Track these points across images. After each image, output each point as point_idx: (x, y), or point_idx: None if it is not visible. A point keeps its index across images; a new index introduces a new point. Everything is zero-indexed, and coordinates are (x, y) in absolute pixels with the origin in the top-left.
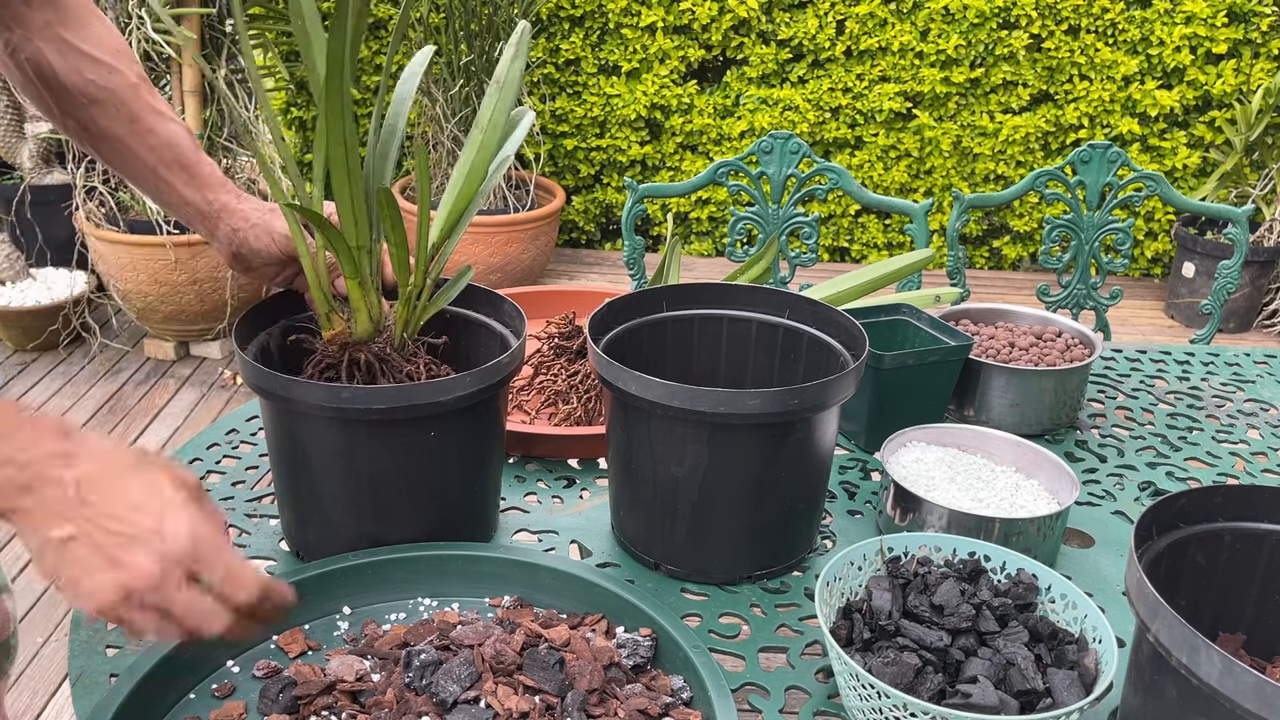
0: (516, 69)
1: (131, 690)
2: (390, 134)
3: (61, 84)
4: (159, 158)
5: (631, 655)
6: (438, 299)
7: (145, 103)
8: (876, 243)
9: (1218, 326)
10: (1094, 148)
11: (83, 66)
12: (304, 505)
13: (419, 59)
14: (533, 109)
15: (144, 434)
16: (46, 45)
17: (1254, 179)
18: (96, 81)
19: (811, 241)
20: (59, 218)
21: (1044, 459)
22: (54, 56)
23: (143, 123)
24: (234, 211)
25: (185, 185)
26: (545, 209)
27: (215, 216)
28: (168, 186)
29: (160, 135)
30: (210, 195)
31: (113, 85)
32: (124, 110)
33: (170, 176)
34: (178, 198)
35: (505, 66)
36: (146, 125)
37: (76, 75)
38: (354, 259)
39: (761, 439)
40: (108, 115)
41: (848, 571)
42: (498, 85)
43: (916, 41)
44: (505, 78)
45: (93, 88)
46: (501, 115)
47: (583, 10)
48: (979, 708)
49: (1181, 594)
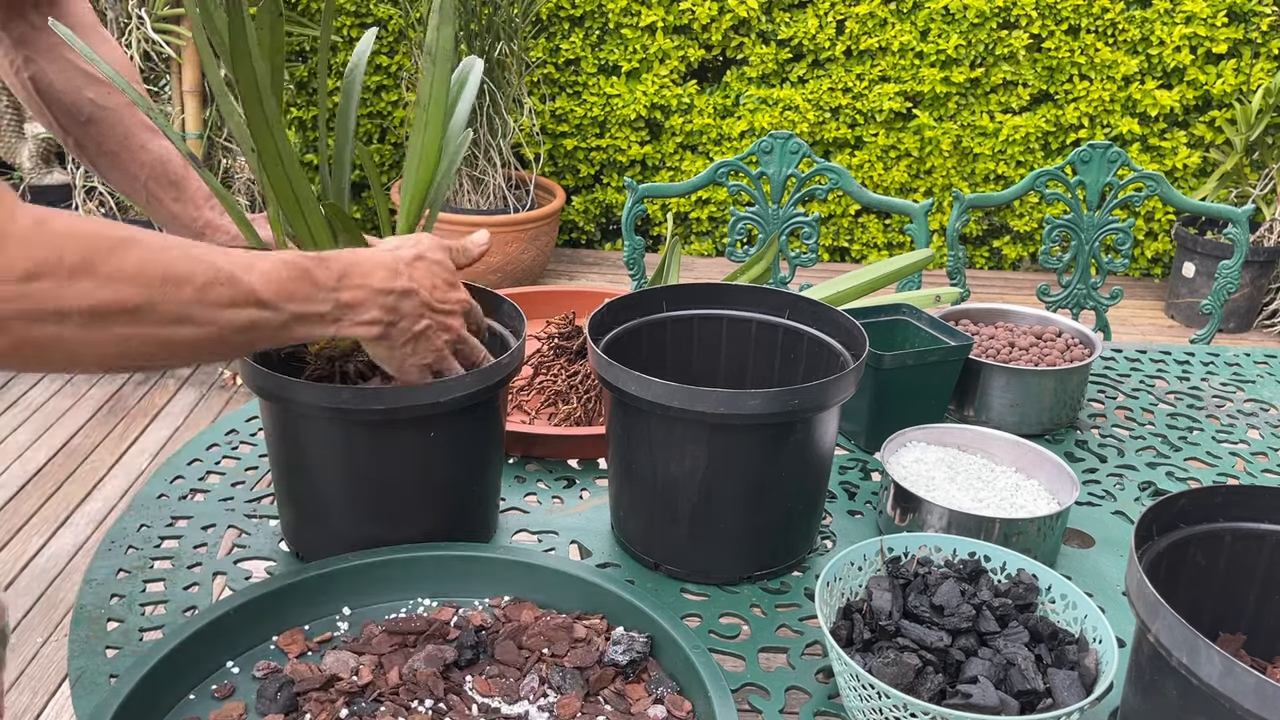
0: (446, 35)
1: (131, 690)
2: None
3: (62, 102)
4: (150, 173)
5: (627, 652)
6: None
7: (140, 120)
8: (876, 243)
9: (1218, 326)
10: (1094, 148)
11: (83, 85)
12: (304, 506)
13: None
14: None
15: (144, 434)
16: (51, 65)
17: (1254, 179)
18: (95, 100)
19: (811, 241)
20: None
21: (1044, 459)
22: (57, 76)
23: (136, 139)
24: (217, 228)
25: (173, 201)
26: (545, 209)
27: (200, 233)
28: (157, 202)
29: (152, 152)
30: (195, 212)
31: (110, 104)
32: (119, 128)
33: (160, 192)
34: (166, 213)
35: (432, 35)
36: (139, 142)
37: (77, 94)
38: None
39: (761, 439)
40: (104, 132)
41: (848, 572)
42: (429, 57)
43: (916, 41)
44: (436, 47)
45: (91, 106)
46: (441, 88)
47: (583, 10)
48: (979, 708)
49: (1181, 594)
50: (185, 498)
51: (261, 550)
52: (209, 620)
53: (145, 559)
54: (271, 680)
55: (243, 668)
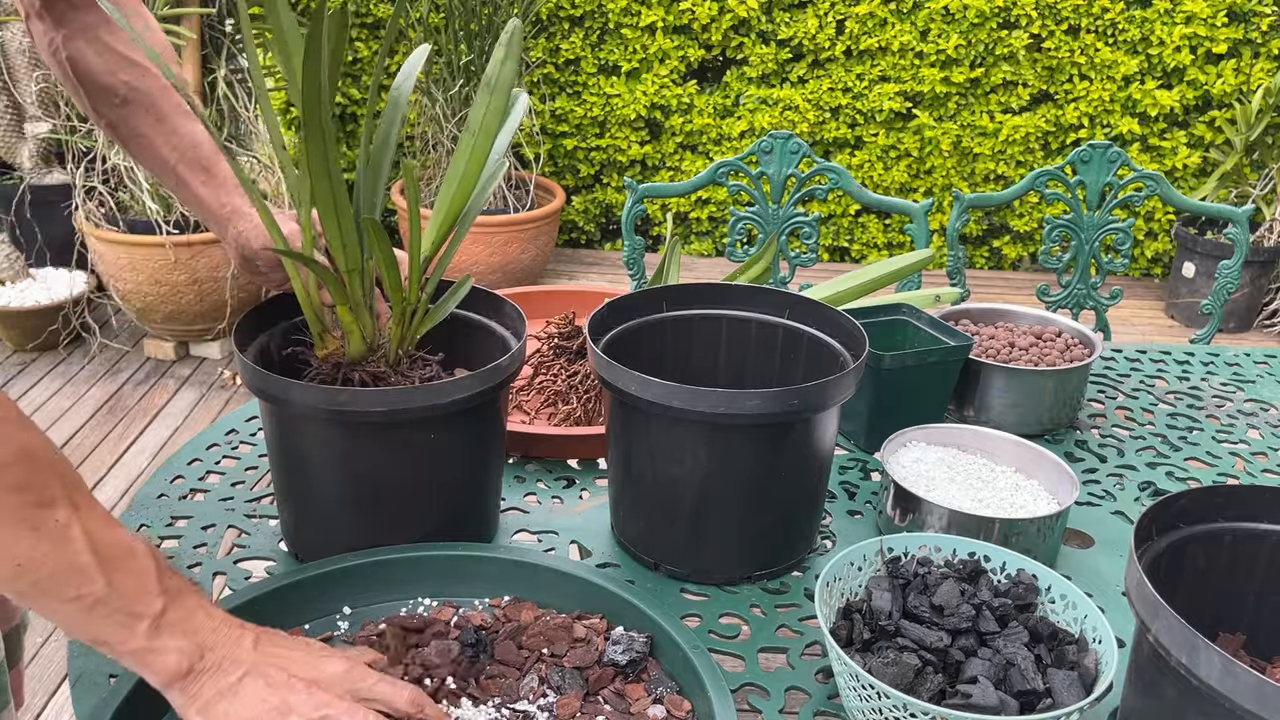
0: (508, 70)
1: (131, 690)
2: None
3: (97, 83)
4: (180, 156)
5: (626, 651)
6: (434, 313)
7: (174, 104)
8: (876, 243)
9: (1218, 326)
10: (1094, 148)
11: (118, 68)
12: (303, 506)
13: (415, 59)
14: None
15: (144, 434)
16: (88, 46)
17: (1254, 179)
18: (130, 83)
19: (811, 241)
20: (59, 218)
21: (1044, 459)
22: (93, 57)
23: (169, 123)
24: (243, 214)
25: (202, 185)
26: (545, 209)
27: (226, 219)
28: (185, 185)
29: (184, 136)
30: (224, 197)
31: (144, 87)
32: (153, 110)
33: (189, 175)
34: (194, 196)
35: (495, 68)
36: (171, 125)
37: (112, 76)
38: (344, 286)
39: (761, 439)
40: (137, 114)
41: (848, 572)
42: (488, 88)
43: (916, 41)
44: (496, 80)
45: (125, 88)
46: (494, 119)
47: (583, 10)
48: (979, 708)
49: (1181, 594)
50: (185, 498)
51: (261, 550)
52: None
53: None
54: None
55: None
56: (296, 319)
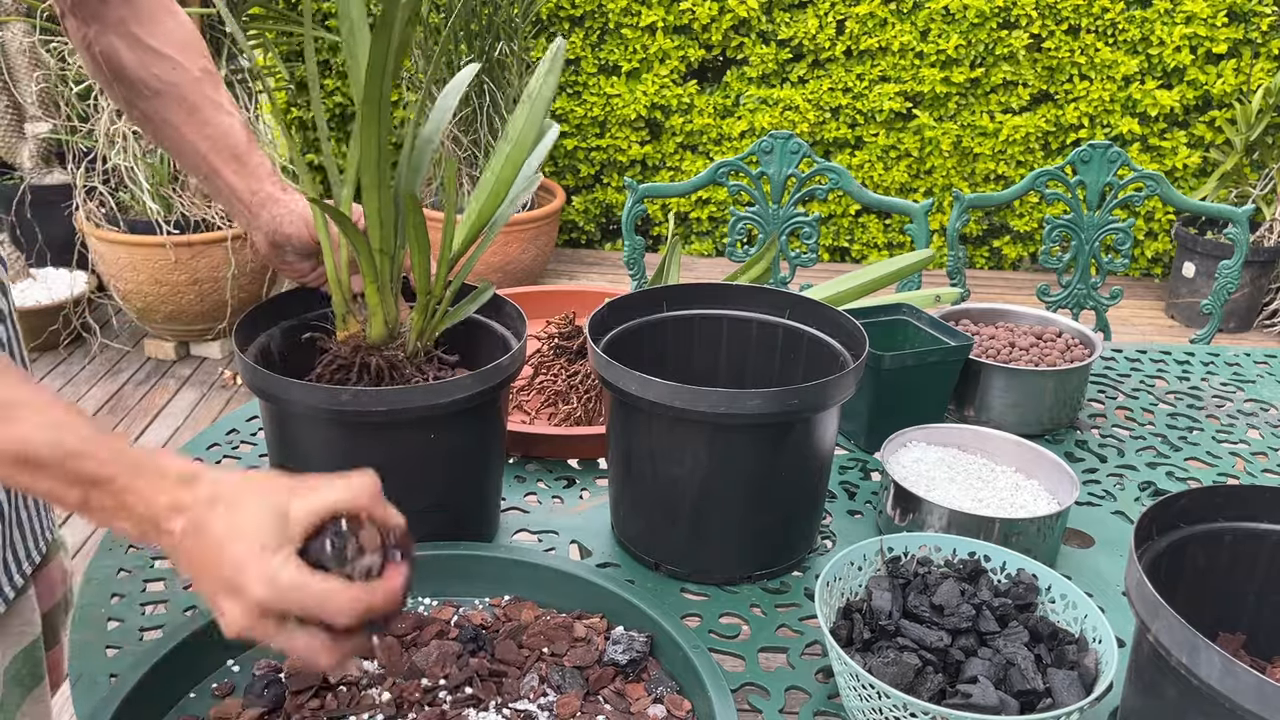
0: (549, 85)
1: (131, 690)
2: (425, 144)
3: (129, 76)
4: (212, 146)
5: (626, 651)
6: (456, 311)
7: (206, 96)
8: (876, 243)
9: (1218, 326)
10: (1094, 148)
11: (150, 61)
12: None
13: (462, 76)
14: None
15: (144, 434)
16: (120, 40)
17: (1254, 179)
18: (161, 76)
19: (812, 241)
20: (59, 218)
21: (1044, 459)
22: (125, 52)
23: (201, 114)
24: (277, 200)
25: (234, 174)
26: (545, 209)
27: (259, 205)
28: (217, 173)
29: (215, 127)
30: (256, 185)
31: (175, 79)
32: (185, 103)
33: (220, 164)
34: (226, 184)
35: (538, 82)
36: (203, 117)
37: (143, 69)
38: (375, 263)
39: (761, 439)
40: (169, 107)
41: (848, 571)
42: (529, 99)
43: (916, 41)
44: (537, 93)
45: (157, 81)
46: (531, 130)
47: (583, 10)
48: (979, 708)
49: (1181, 594)
50: None
51: None
52: (209, 619)
53: (145, 559)
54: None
55: (243, 667)
56: (297, 319)
